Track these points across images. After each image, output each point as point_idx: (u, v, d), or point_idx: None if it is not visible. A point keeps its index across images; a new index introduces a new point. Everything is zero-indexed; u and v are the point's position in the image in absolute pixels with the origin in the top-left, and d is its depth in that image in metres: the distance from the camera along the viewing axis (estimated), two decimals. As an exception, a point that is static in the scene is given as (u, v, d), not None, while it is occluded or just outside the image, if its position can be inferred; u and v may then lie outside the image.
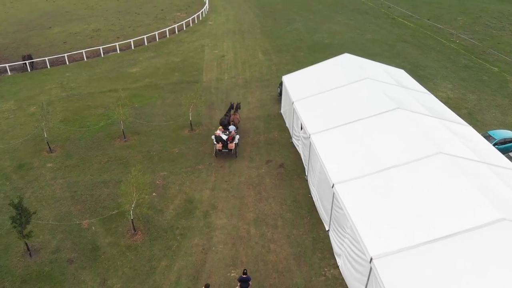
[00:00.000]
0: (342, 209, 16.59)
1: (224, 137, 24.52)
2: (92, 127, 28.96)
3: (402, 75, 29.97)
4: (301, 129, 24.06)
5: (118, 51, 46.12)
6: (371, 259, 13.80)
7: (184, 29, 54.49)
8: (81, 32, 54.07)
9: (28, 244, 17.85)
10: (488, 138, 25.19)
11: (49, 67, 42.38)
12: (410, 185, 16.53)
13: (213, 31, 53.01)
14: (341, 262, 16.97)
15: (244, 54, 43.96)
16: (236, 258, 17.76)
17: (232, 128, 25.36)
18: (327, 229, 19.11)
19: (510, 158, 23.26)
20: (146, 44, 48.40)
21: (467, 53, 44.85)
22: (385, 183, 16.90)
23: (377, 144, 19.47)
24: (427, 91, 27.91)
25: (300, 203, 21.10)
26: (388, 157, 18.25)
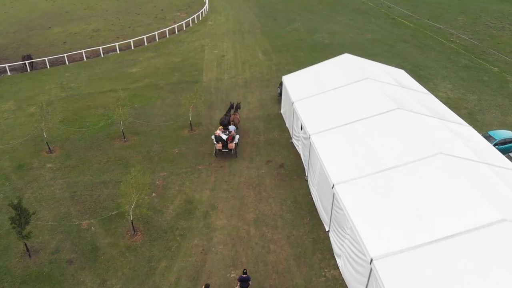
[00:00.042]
0: (342, 209, 16.56)
1: (224, 136, 24.50)
2: (92, 127, 28.92)
3: (402, 75, 29.95)
4: (301, 129, 24.02)
5: (118, 51, 46.09)
6: (371, 260, 13.76)
7: (184, 29, 54.45)
8: (81, 32, 54.04)
9: (28, 245, 17.82)
10: (489, 138, 25.15)
11: (48, 67, 42.34)
12: (411, 185, 16.49)
13: (213, 31, 52.98)
14: (341, 263, 16.94)
15: (244, 54, 43.91)
16: (236, 259, 17.72)
17: (232, 128, 25.36)
18: (327, 230, 19.08)
19: (511, 158, 23.22)
20: (146, 44, 48.37)
21: (467, 53, 44.83)
22: (385, 184, 16.87)
23: (377, 145, 19.44)
24: (427, 91, 27.88)
25: (300, 203, 21.06)
26: (388, 158, 18.22)
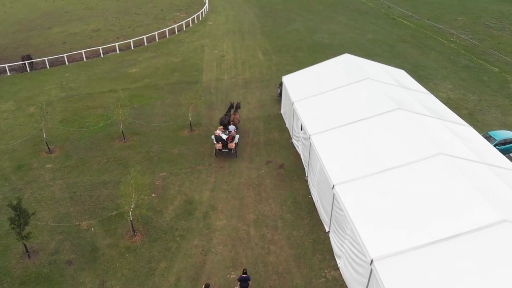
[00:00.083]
0: (342, 210, 16.51)
1: (224, 136, 24.47)
2: (92, 127, 28.88)
3: (402, 76, 29.92)
4: (301, 129, 23.98)
5: (118, 52, 46.05)
6: (371, 260, 13.71)
7: (184, 29, 54.41)
8: (80, 32, 54.00)
9: (27, 246, 17.77)
10: (489, 138, 25.10)
11: (48, 67, 42.30)
12: (411, 186, 16.45)
13: (213, 31, 52.93)
14: (341, 263, 16.89)
15: (244, 54, 43.87)
16: (236, 260, 17.68)
17: (232, 128, 25.33)
18: (327, 231, 19.03)
19: (511, 159, 23.17)
20: (145, 44, 48.33)
21: (467, 53, 44.79)
22: (386, 184, 16.82)
23: (378, 145, 19.40)
24: (427, 92, 27.84)
25: (300, 204, 21.02)
26: (388, 158, 18.17)
